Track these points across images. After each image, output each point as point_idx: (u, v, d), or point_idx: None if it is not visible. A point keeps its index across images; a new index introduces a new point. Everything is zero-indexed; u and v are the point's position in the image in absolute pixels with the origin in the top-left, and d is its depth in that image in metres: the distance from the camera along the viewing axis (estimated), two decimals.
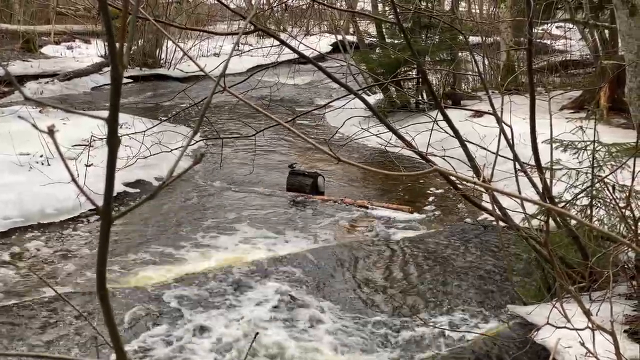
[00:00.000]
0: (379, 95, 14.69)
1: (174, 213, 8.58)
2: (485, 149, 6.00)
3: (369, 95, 14.43)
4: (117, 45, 0.92)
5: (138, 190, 9.22)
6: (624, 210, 5.13)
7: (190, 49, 19.90)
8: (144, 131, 6.91)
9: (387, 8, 15.23)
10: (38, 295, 6.17)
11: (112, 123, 0.92)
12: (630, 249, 5.14)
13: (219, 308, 6.03)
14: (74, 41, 22.38)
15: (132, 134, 7.01)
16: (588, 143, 6.28)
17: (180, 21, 18.68)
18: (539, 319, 5.10)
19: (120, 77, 0.90)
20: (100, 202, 0.99)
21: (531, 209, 5.89)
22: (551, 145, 6.14)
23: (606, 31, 14.87)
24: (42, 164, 9.12)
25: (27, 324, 5.63)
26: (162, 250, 7.36)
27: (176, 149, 6.67)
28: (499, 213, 5.30)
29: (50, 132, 0.94)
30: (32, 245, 7.41)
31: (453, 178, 5.93)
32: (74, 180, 1.02)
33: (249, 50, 15.04)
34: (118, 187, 9.02)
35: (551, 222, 5.78)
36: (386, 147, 6.40)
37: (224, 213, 8.58)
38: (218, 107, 14.81)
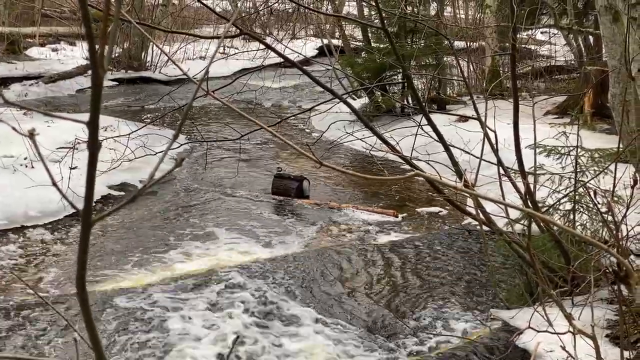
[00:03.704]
0: (365, 99, 14.72)
1: (157, 216, 8.56)
2: (469, 153, 6.02)
3: (354, 100, 14.46)
4: (98, 49, 0.92)
5: (122, 192, 9.20)
6: (605, 216, 5.17)
7: (176, 52, 19.88)
8: (129, 134, 6.90)
9: (372, 12, 15.27)
10: (19, 297, 6.14)
11: (93, 127, 0.92)
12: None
13: (201, 311, 6.01)
14: (59, 43, 22.29)
15: (117, 136, 7.00)
16: (571, 148, 6.33)
17: (166, 24, 18.66)
18: (521, 322, 5.13)
19: (100, 82, 0.91)
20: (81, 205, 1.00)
21: (514, 213, 5.92)
22: (535, 150, 6.18)
23: (590, 37, 14.98)
24: (26, 166, 9.08)
25: (7, 327, 5.60)
26: (144, 253, 7.34)
27: (161, 152, 6.66)
28: (482, 217, 5.33)
29: (31, 135, 0.94)
30: (15, 248, 7.37)
31: (437, 183, 5.95)
32: (54, 184, 1.02)
33: (234, 54, 15.04)
34: (102, 190, 9.00)
35: (534, 226, 5.82)
36: (371, 152, 6.41)
37: (208, 216, 8.57)
38: (204, 110, 14.80)
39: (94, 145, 0.93)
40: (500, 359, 5.02)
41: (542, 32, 20.38)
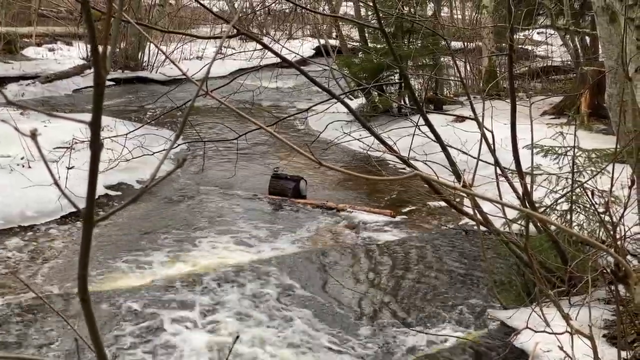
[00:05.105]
0: (362, 100, 14.72)
1: (154, 216, 8.55)
2: (466, 153, 6.03)
3: (351, 100, 14.46)
4: (100, 49, 0.92)
5: (120, 193, 9.19)
6: (603, 216, 5.18)
7: (173, 52, 19.86)
8: (126, 134, 6.91)
9: (369, 13, 15.27)
10: (18, 298, 6.13)
11: (95, 127, 0.92)
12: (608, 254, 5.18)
13: (199, 311, 6.01)
14: (55, 43, 22.26)
15: (114, 136, 7.00)
16: (568, 149, 6.34)
17: (163, 24, 18.64)
18: (518, 323, 5.14)
19: (103, 82, 0.91)
20: (81, 205, 1.00)
21: (512, 213, 5.93)
22: (532, 151, 6.19)
23: (587, 37, 14.99)
24: (23, 166, 9.06)
25: (6, 328, 5.60)
26: (142, 253, 7.32)
27: (158, 152, 6.66)
28: (480, 218, 5.33)
29: (33, 135, 0.94)
30: (12, 248, 7.36)
31: (435, 183, 5.96)
32: (56, 183, 1.02)
33: (231, 54, 15.03)
34: (99, 190, 8.98)
35: (531, 226, 5.82)
36: (368, 152, 6.42)
37: (204, 217, 8.56)
38: (200, 111, 14.79)
39: (96, 145, 0.93)
40: (497, 359, 5.03)
41: (538, 33, 20.39)
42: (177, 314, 5.95)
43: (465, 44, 16.77)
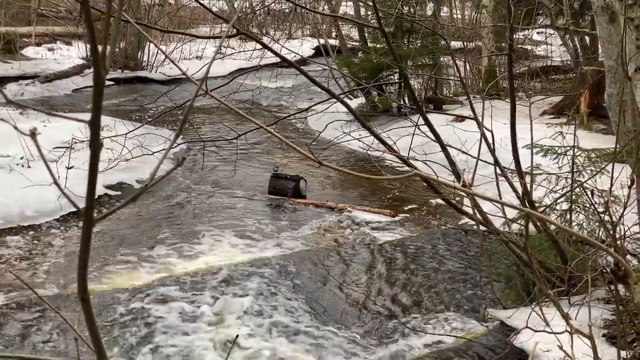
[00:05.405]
0: (361, 99, 14.72)
1: (154, 216, 8.55)
2: (466, 153, 6.03)
3: (350, 99, 14.46)
4: (100, 49, 0.92)
5: (119, 192, 9.19)
6: (602, 215, 5.18)
7: (173, 51, 19.84)
8: (126, 134, 6.89)
9: (369, 12, 15.27)
10: (18, 297, 6.12)
11: (95, 126, 0.92)
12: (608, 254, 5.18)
13: (198, 311, 6.01)
14: (55, 43, 22.24)
15: (114, 136, 6.99)
16: (568, 148, 6.34)
17: (163, 24, 18.63)
18: (518, 322, 5.14)
19: (102, 82, 0.91)
20: (81, 204, 1.00)
21: (511, 213, 5.93)
22: (531, 150, 6.19)
23: (586, 37, 14.99)
24: (23, 166, 9.06)
25: (5, 327, 5.59)
26: (141, 253, 7.32)
27: (158, 151, 6.65)
28: (479, 217, 5.33)
29: (33, 135, 0.94)
30: (12, 247, 7.36)
31: (434, 182, 5.96)
32: (55, 182, 1.02)
33: (231, 54, 15.02)
34: (99, 190, 8.97)
35: (531, 226, 5.82)
36: (368, 151, 6.41)
37: (204, 216, 8.56)
38: (200, 110, 14.78)
39: (95, 144, 0.93)
40: (497, 359, 5.03)
41: (538, 33, 20.39)
42: (176, 313, 5.94)
43: (465, 43, 16.78)
